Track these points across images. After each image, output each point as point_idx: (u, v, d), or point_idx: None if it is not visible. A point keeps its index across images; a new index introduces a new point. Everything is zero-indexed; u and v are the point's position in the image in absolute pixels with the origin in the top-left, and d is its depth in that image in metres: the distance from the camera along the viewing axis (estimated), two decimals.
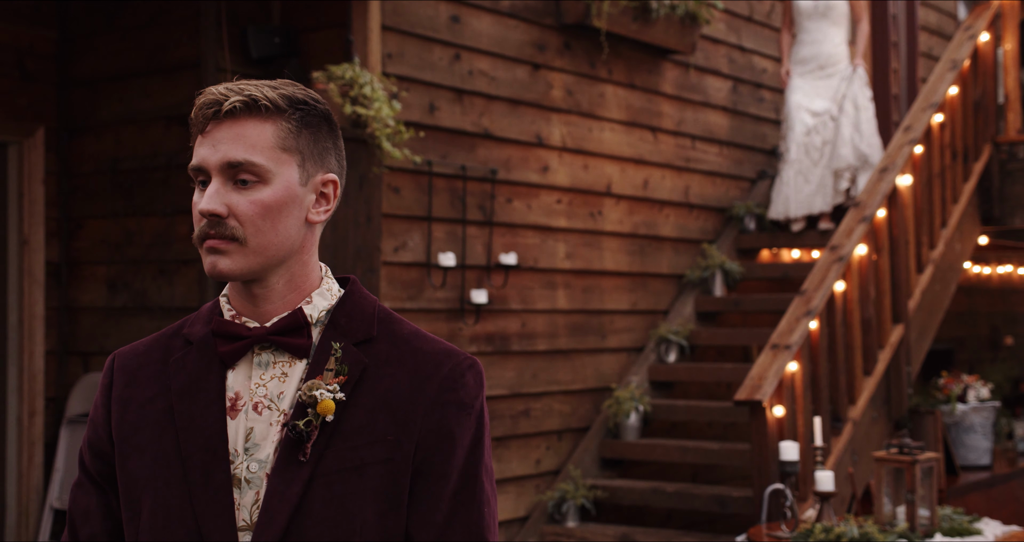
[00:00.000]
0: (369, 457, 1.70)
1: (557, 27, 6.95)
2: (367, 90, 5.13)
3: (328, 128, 1.79)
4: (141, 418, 1.78)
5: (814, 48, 7.80)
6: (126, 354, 1.86)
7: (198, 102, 1.73)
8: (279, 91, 1.74)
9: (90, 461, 1.83)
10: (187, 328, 1.83)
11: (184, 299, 5.75)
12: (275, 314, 1.77)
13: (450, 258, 6.13)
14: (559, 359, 6.89)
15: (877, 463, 5.28)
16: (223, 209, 1.70)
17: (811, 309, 6.04)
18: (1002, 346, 11.53)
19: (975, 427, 7.96)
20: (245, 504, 1.71)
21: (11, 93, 6.01)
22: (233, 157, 1.70)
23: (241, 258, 1.71)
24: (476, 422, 1.76)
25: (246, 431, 1.73)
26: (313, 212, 1.78)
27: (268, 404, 1.74)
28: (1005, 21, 7.94)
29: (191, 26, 5.73)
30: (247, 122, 1.71)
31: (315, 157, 1.77)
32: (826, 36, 7.78)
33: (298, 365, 1.75)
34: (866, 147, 7.67)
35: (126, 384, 1.81)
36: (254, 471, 1.71)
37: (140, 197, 5.94)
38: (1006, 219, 7.73)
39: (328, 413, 1.68)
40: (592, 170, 7.17)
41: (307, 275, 1.79)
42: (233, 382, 1.76)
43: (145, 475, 1.74)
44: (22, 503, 5.98)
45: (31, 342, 6.05)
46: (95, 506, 1.82)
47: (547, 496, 6.62)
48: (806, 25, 7.86)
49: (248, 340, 1.75)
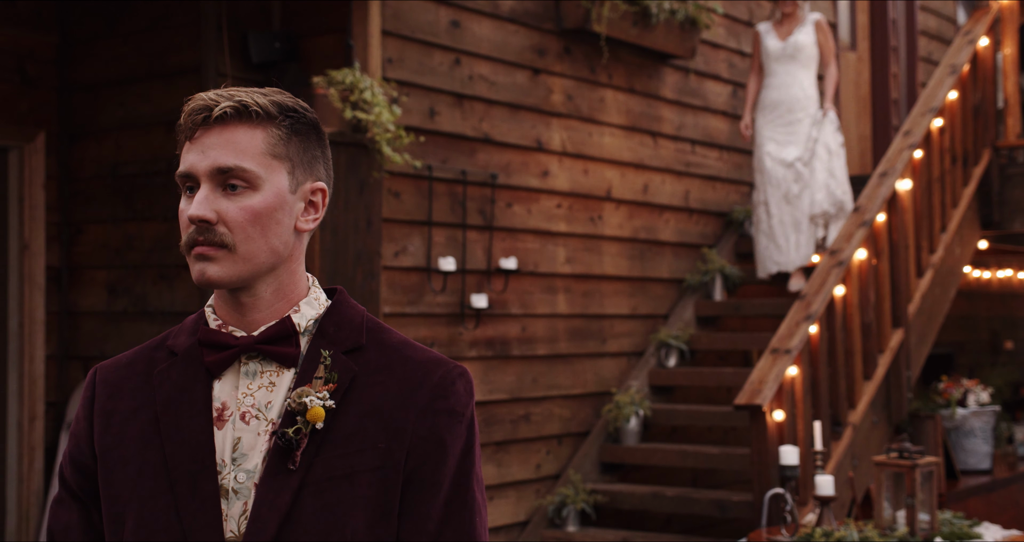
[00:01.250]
0: (359, 465, 1.68)
1: (557, 32, 6.96)
2: (367, 95, 5.13)
3: (317, 137, 1.78)
4: (125, 431, 1.75)
5: (782, 92, 7.52)
6: (108, 367, 1.84)
7: (187, 108, 1.72)
8: (269, 98, 1.73)
9: (71, 475, 1.80)
10: (171, 340, 1.81)
11: (184, 304, 5.75)
12: (262, 323, 1.75)
13: (450, 263, 6.14)
14: (559, 363, 6.90)
15: (877, 467, 5.28)
16: (212, 215, 1.68)
17: (811, 313, 6.04)
18: (1002, 350, 11.53)
19: (975, 431, 7.96)
20: (233, 515, 1.68)
21: (12, 98, 6.02)
22: (223, 163, 1.68)
23: (230, 265, 1.70)
24: (467, 430, 1.74)
25: (233, 441, 1.71)
26: (302, 220, 1.76)
27: (256, 414, 1.72)
28: (1004, 25, 7.95)
29: (192, 31, 5.74)
30: (237, 128, 1.70)
31: (304, 165, 1.76)
32: (794, 79, 7.51)
33: (286, 374, 1.73)
34: (841, 193, 7.47)
35: (109, 396, 1.79)
36: (242, 481, 1.69)
37: (141, 202, 5.95)
38: (1006, 223, 7.73)
39: (318, 420, 1.67)
40: (592, 175, 7.18)
41: (295, 284, 1.78)
42: (220, 392, 1.74)
43: (129, 488, 1.72)
44: (22, 508, 5.98)
45: (32, 347, 6.05)
46: (76, 521, 1.79)
47: (547, 501, 6.62)
48: (774, 68, 7.59)
49: (235, 349, 1.73)
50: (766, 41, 7.62)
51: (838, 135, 7.57)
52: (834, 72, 7.62)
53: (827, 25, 7.64)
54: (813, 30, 7.55)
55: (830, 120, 7.54)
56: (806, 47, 7.52)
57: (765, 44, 7.61)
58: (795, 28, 7.56)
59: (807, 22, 7.58)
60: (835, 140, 7.54)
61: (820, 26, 7.58)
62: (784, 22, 7.62)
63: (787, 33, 7.57)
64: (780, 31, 7.60)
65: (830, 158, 7.49)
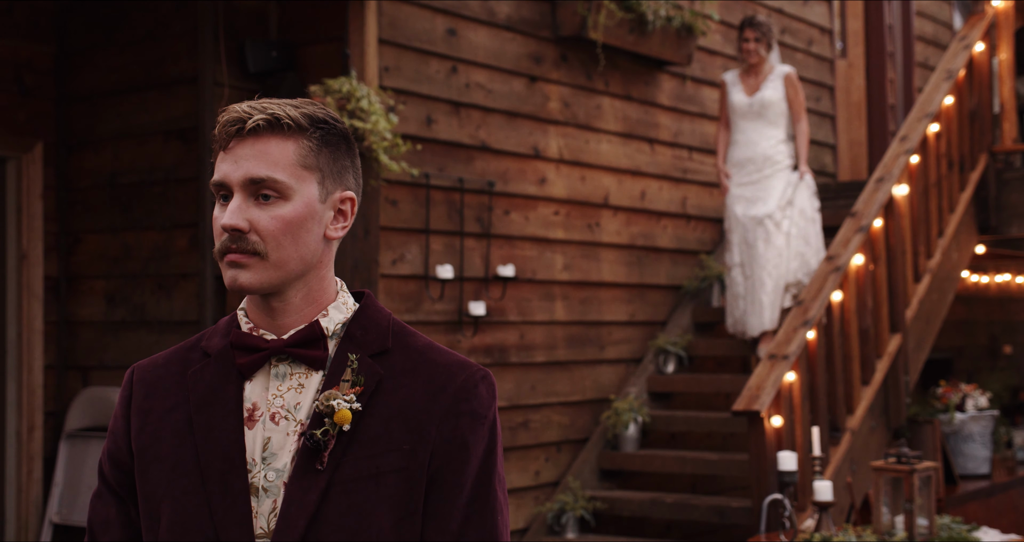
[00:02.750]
0: (385, 466, 1.73)
1: (554, 39, 6.97)
2: (364, 103, 5.14)
3: (347, 147, 1.84)
4: (160, 429, 1.82)
5: (750, 149, 7.12)
6: (145, 367, 1.90)
7: (221, 120, 1.78)
8: (301, 110, 1.79)
9: (110, 471, 1.87)
10: (205, 341, 1.87)
11: (183, 313, 5.76)
12: (292, 327, 1.81)
13: (448, 270, 6.15)
14: (557, 371, 6.90)
15: (875, 473, 5.28)
16: (245, 224, 1.75)
17: (808, 319, 6.05)
18: (1000, 355, 11.53)
19: (974, 436, 7.97)
20: (263, 512, 1.74)
21: (10, 108, 6.03)
22: (256, 173, 1.75)
23: (261, 272, 1.76)
24: (489, 432, 1.80)
25: (263, 441, 1.77)
26: (331, 228, 1.83)
27: (285, 414, 1.78)
28: (1000, 31, 7.96)
29: (189, 41, 5.75)
30: (270, 140, 1.76)
31: (334, 175, 1.81)
32: (762, 136, 7.10)
33: (314, 376, 1.79)
34: (816, 263, 7.05)
35: (145, 395, 1.86)
36: (271, 480, 1.75)
37: (138, 211, 5.95)
38: (1003, 228, 7.73)
39: (345, 422, 1.72)
40: (589, 182, 7.19)
41: (324, 289, 1.84)
42: (251, 393, 1.80)
43: (164, 485, 1.78)
44: (21, 518, 5.98)
45: (30, 356, 6.06)
46: (115, 516, 1.86)
47: (546, 508, 6.62)
48: (741, 124, 7.17)
49: (266, 352, 1.79)
50: (732, 95, 7.22)
51: (815, 200, 7.21)
52: (805, 129, 7.20)
53: (797, 78, 7.23)
54: (782, 85, 7.16)
55: (807, 184, 7.16)
56: (774, 104, 7.13)
57: (731, 98, 7.21)
58: (763, 82, 7.17)
59: (775, 76, 7.18)
60: (811, 206, 7.17)
61: (790, 80, 7.18)
62: (751, 73, 7.22)
63: (754, 87, 7.17)
64: (747, 84, 7.20)
65: (806, 225, 7.12)
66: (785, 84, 7.16)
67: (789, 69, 7.24)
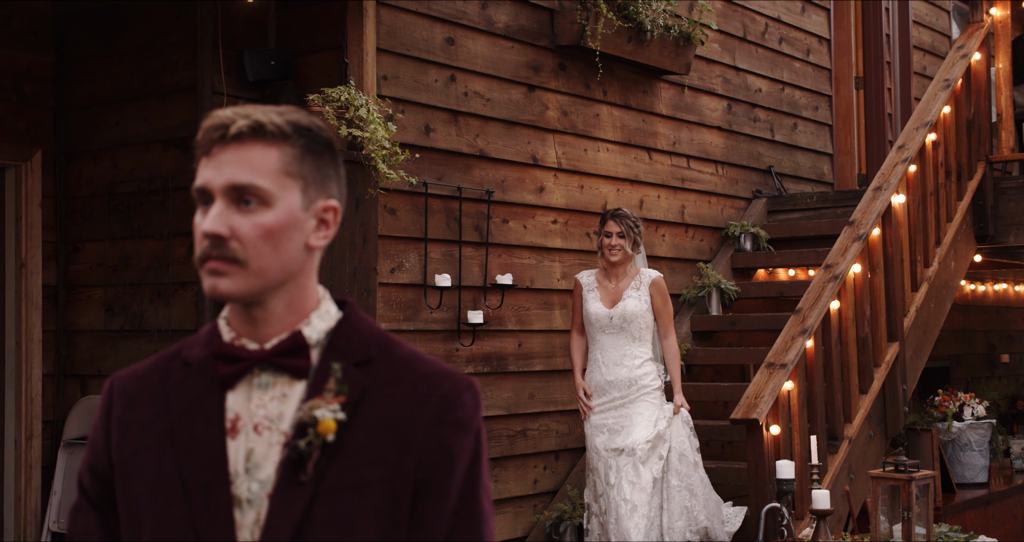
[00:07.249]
0: (370, 476, 1.71)
1: (552, 48, 6.98)
2: (363, 112, 5.15)
3: (331, 155, 1.82)
4: (141, 440, 1.79)
5: (613, 372, 5.96)
6: (125, 377, 1.87)
7: (204, 125, 1.75)
8: (285, 117, 1.76)
9: (89, 483, 1.84)
10: (185, 351, 1.84)
11: (181, 321, 5.76)
12: (274, 336, 1.78)
13: (446, 279, 6.15)
14: (556, 379, 6.90)
15: (873, 481, 5.29)
16: (226, 230, 1.71)
17: (806, 328, 6.06)
18: (998, 364, 11.54)
19: (971, 445, 7.98)
20: (246, 524, 1.72)
21: (9, 117, 6.04)
22: (238, 180, 1.72)
23: (241, 280, 1.73)
24: (474, 441, 1.77)
25: (246, 452, 1.75)
26: (314, 237, 1.79)
27: (268, 425, 1.75)
28: (997, 40, 7.98)
29: (188, 50, 5.76)
30: (253, 146, 1.73)
31: (317, 183, 1.79)
32: (625, 355, 5.96)
33: (298, 386, 1.77)
34: (705, 518, 5.88)
35: (126, 406, 1.83)
36: (255, 491, 1.73)
37: (137, 220, 5.96)
38: (1000, 237, 7.75)
39: (329, 433, 1.70)
40: (588, 190, 7.20)
41: (306, 298, 1.81)
42: (233, 403, 1.77)
43: (145, 496, 1.76)
44: (20, 526, 5.98)
45: (29, 365, 6.06)
46: (95, 528, 1.83)
47: (545, 516, 6.62)
48: (599, 339, 6.03)
49: (248, 361, 1.77)
50: (588, 303, 6.08)
51: (694, 439, 6.03)
52: (674, 344, 6.11)
53: (664, 285, 6.10)
54: (648, 294, 6.03)
55: (683, 420, 6.01)
56: (637, 317, 5.98)
57: (587, 308, 6.07)
58: (624, 290, 6.04)
59: (641, 282, 6.06)
60: (691, 446, 5.98)
61: (657, 287, 6.05)
62: (611, 274, 6.09)
63: (615, 296, 6.04)
64: (605, 290, 6.08)
65: (689, 472, 5.92)
66: (652, 292, 6.04)
67: (656, 274, 6.13)
